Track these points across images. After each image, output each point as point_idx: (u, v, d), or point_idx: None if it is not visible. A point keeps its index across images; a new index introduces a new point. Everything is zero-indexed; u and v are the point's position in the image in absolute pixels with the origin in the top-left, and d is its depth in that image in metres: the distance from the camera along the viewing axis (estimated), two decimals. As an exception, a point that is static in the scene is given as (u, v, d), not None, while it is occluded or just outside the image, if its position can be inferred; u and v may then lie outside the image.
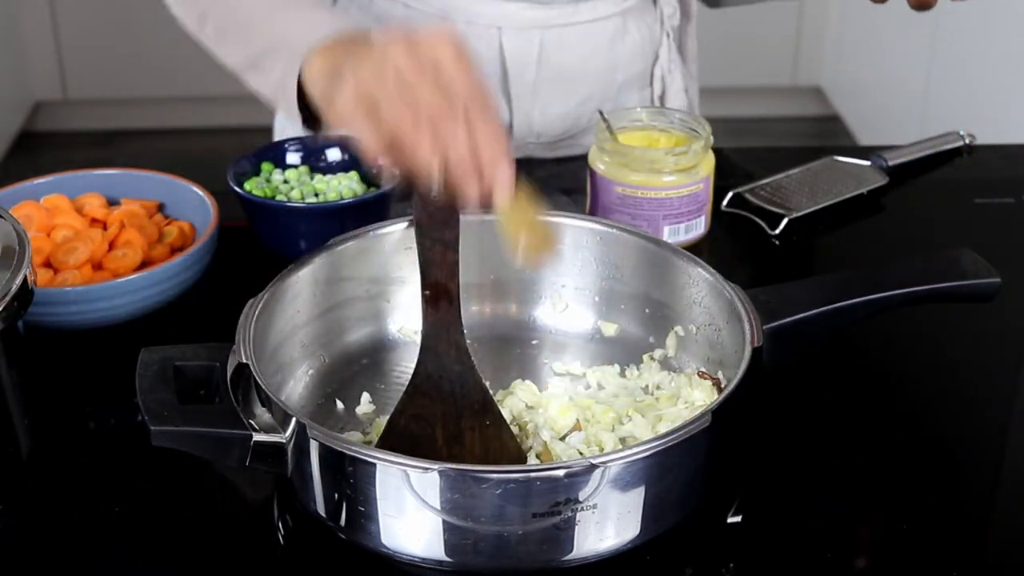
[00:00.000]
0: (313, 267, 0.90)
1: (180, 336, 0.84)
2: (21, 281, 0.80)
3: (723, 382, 0.86)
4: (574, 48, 1.23)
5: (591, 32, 1.23)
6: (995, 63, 2.52)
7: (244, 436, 0.75)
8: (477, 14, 1.19)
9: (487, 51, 1.21)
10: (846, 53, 3.32)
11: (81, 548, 0.81)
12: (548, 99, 1.24)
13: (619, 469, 0.72)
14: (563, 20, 1.21)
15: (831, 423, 0.92)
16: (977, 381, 0.98)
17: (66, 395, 0.94)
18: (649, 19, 1.27)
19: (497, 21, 1.20)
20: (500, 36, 1.21)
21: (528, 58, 1.22)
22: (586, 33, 1.23)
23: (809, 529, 0.83)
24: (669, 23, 1.29)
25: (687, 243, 1.09)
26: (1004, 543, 0.83)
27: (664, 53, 1.29)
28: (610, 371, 0.92)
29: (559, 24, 1.21)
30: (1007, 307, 0.99)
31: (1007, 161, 1.29)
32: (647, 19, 1.27)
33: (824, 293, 0.88)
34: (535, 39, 1.21)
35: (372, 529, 0.75)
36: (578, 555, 0.75)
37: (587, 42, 1.23)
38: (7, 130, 3.26)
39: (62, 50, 3.31)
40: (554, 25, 1.21)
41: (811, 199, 1.18)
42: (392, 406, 0.85)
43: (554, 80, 1.23)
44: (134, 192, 1.10)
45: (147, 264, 1.01)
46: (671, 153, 1.06)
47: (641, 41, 1.27)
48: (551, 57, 1.22)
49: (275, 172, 1.11)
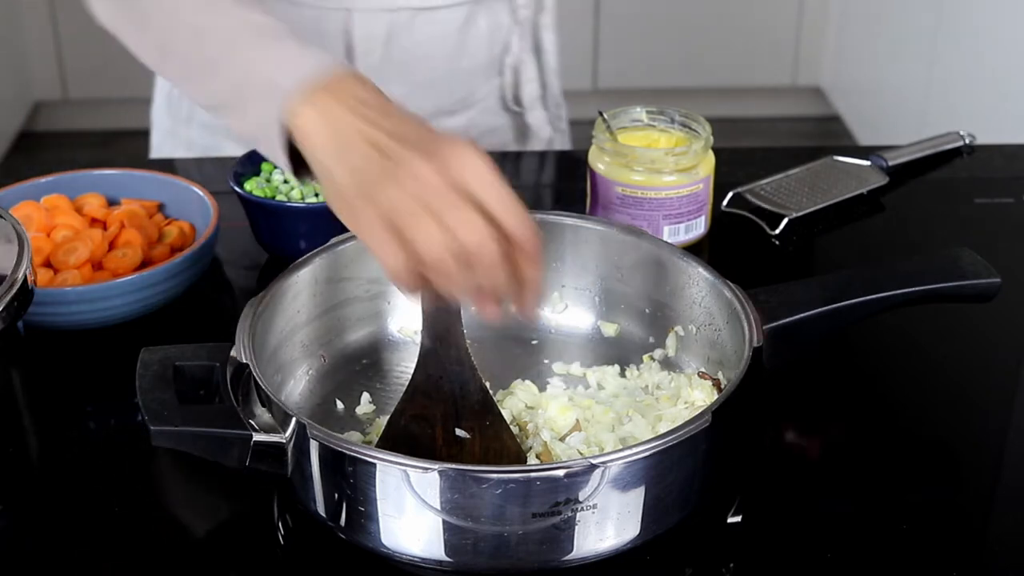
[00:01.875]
0: (313, 267, 0.90)
1: (180, 336, 0.84)
2: (21, 281, 0.80)
3: (723, 382, 0.86)
4: (421, 33, 1.23)
5: (439, 19, 1.24)
6: (995, 63, 2.52)
7: (244, 436, 0.75)
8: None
9: (334, 32, 1.21)
10: (846, 53, 3.32)
11: (81, 548, 0.81)
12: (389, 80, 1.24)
13: (619, 469, 0.72)
14: (412, 5, 1.22)
15: (831, 423, 0.92)
16: (977, 381, 0.98)
17: (66, 395, 0.94)
18: (499, 9, 1.27)
19: (347, 3, 1.20)
20: (349, 18, 1.21)
21: (374, 41, 1.22)
22: (434, 20, 1.23)
23: (809, 529, 0.83)
24: (521, 12, 1.28)
25: (687, 243, 1.09)
26: (1004, 543, 0.83)
27: (515, 43, 1.29)
28: (610, 371, 0.92)
29: (408, 7, 1.22)
30: (1007, 307, 0.99)
31: (1007, 161, 1.29)
32: (497, 8, 1.27)
33: (824, 293, 0.88)
34: (383, 22, 1.22)
35: (372, 529, 0.75)
36: (578, 555, 0.75)
37: (435, 28, 1.24)
38: (7, 130, 3.26)
39: (62, 50, 3.31)
40: (402, 9, 1.21)
41: (811, 199, 1.18)
42: (392, 406, 0.85)
43: (398, 63, 1.24)
44: (134, 192, 1.10)
45: (147, 264, 1.01)
46: (671, 153, 1.06)
47: (489, 31, 1.27)
48: (397, 41, 1.23)
49: (275, 172, 1.11)
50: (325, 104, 0.78)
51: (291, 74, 0.80)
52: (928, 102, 2.81)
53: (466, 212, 0.71)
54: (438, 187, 0.71)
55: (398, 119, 0.76)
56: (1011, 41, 2.45)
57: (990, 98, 2.51)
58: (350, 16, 1.21)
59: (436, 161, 0.72)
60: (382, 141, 0.75)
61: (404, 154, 0.73)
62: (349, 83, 0.79)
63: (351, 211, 0.75)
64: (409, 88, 1.25)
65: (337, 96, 0.78)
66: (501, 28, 1.28)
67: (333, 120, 0.77)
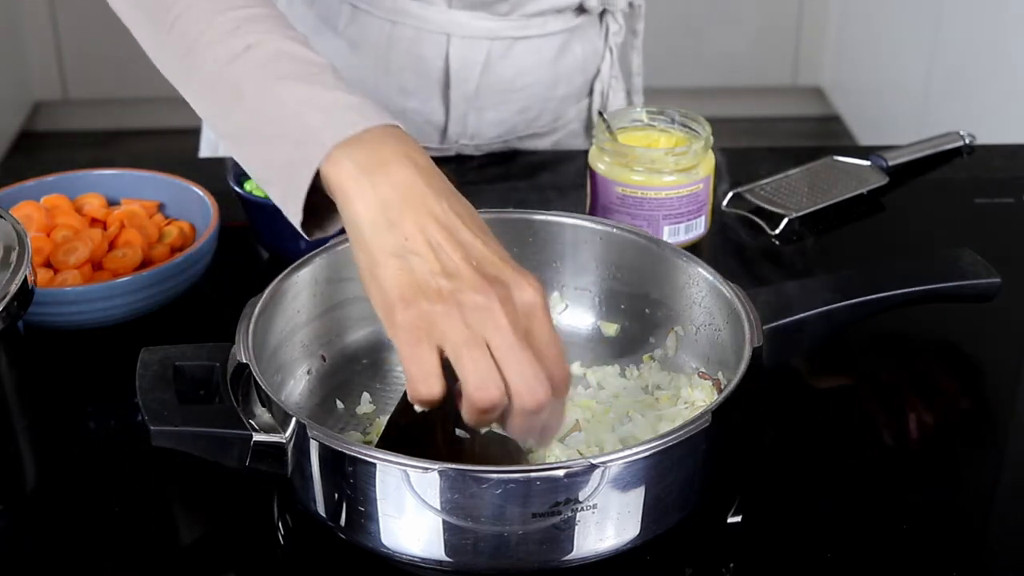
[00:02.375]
0: (313, 267, 0.90)
1: (180, 336, 0.84)
2: (21, 281, 0.80)
3: (723, 382, 0.86)
4: (518, 60, 1.23)
5: (537, 47, 1.23)
6: (995, 63, 2.52)
7: (244, 436, 0.75)
8: (427, 20, 1.19)
9: (433, 56, 1.20)
10: (846, 53, 3.32)
11: (81, 548, 0.81)
12: (486, 106, 1.24)
13: (619, 469, 0.72)
14: (511, 33, 1.21)
15: (831, 423, 0.92)
16: (977, 381, 0.98)
17: (66, 395, 0.94)
18: (593, 36, 1.27)
19: (447, 28, 1.19)
20: (448, 43, 1.20)
21: (473, 66, 1.21)
22: (532, 47, 1.23)
23: (809, 529, 0.83)
24: (613, 40, 1.28)
25: (687, 243, 1.09)
26: (1004, 543, 0.83)
27: (606, 68, 1.29)
28: (610, 371, 0.92)
29: (507, 36, 1.21)
30: (1007, 307, 0.99)
31: (1007, 161, 1.29)
32: (592, 36, 1.27)
33: (824, 293, 0.88)
34: (482, 49, 1.21)
35: (372, 529, 0.75)
36: (578, 555, 0.75)
37: (532, 56, 1.23)
38: (7, 130, 3.26)
39: (62, 50, 3.31)
40: (502, 37, 1.21)
41: (811, 199, 1.18)
42: (392, 406, 0.85)
43: (495, 89, 1.23)
44: (134, 192, 1.10)
45: (147, 264, 1.01)
46: (671, 153, 1.06)
47: (584, 57, 1.27)
48: (495, 67, 1.22)
49: (275, 172, 1.11)
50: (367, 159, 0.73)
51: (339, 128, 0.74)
52: (928, 102, 2.81)
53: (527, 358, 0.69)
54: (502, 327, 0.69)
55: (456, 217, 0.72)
56: (1011, 41, 2.46)
57: (990, 98, 2.52)
58: (449, 41, 1.20)
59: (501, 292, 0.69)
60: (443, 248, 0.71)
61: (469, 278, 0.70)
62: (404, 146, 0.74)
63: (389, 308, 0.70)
64: (504, 114, 1.26)
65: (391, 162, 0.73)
66: (595, 54, 1.28)
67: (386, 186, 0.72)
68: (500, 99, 1.24)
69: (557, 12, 1.22)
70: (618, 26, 1.28)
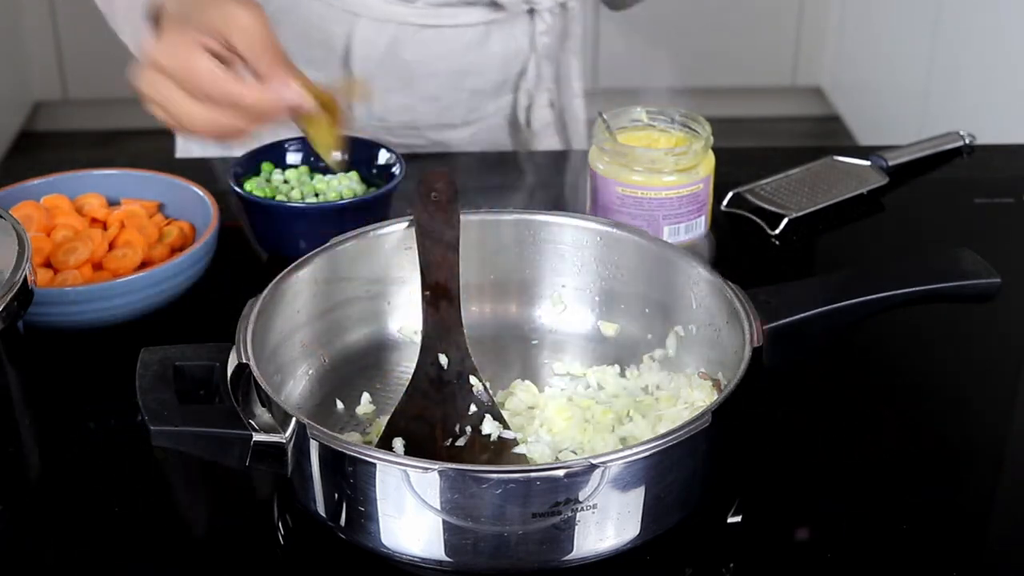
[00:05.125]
0: (313, 267, 0.90)
1: (180, 336, 0.84)
2: (21, 281, 0.80)
3: (723, 382, 0.86)
4: (424, 49, 1.23)
5: (447, 37, 1.23)
6: (995, 63, 2.52)
7: (244, 436, 0.75)
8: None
9: (338, 33, 1.22)
10: (846, 53, 3.32)
11: (81, 548, 0.81)
12: (391, 88, 1.25)
13: (619, 469, 0.72)
14: (420, 20, 1.21)
15: (831, 423, 0.92)
16: (977, 381, 0.98)
17: (66, 395, 0.94)
18: (519, 33, 1.26)
19: (355, 8, 1.21)
20: (354, 22, 1.21)
21: (376, 48, 1.22)
22: (440, 37, 1.23)
23: (809, 529, 0.83)
24: (540, 40, 1.27)
25: (687, 243, 1.08)
26: (1004, 543, 0.83)
27: (532, 69, 1.28)
28: (610, 371, 0.92)
29: (415, 23, 1.21)
30: (1007, 307, 0.99)
31: (1007, 161, 1.29)
32: (516, 33, 1.26)
33: (824, 293, 0.88)
34: (387, 33, 1.21)
35: (372, 529, 0.75)
36: (578, 555, 0.75)
37: (439, 46, 1.23)
38: (7, 130, 3.26)
39: (62, 50, 3.31)
40: (410, 23, 1.21)
41: (811, 199, 1.18)
42: (392, 406, 0.85)
43: (399, 73, 1.24)
44: (134, 192, 1.10)
45: (147, 264, 1.01)
46: (671, 153, 1.06)
47: (504, 54, 1.26)
48: (400, 52, 1.22)
49: (275, 172, 1.11)
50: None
51: None
52: (928, 102, 2.81)
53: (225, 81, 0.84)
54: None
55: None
56: (1011, 41, 2.46)
57: (990, 98, 2.52)
58: (355, 21, 1.21)
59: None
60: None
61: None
62: None
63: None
64: (410, 99, 1.25)
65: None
66: (519, 54, 1.27)
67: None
68: (404, 84, 1.24)
69: (468, 4, 1.22)
70: (546, 26, 1.26)
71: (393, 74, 1.23)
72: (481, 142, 1.31)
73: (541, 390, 0.90)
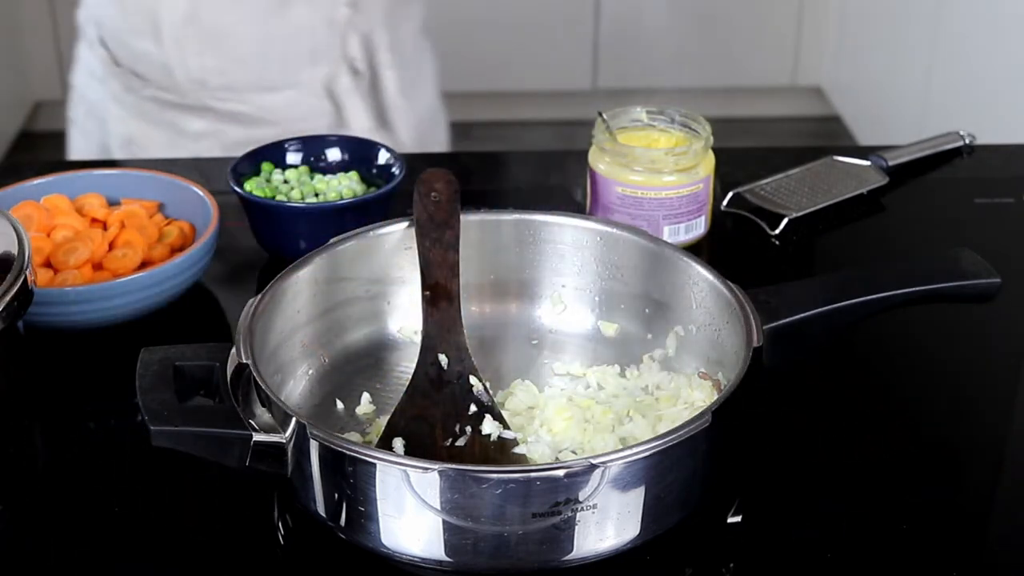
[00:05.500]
0: (313, 267, 0.90)
1: (180, 336, 0.84)
2: (21, 281, 0.80)
3: (723, 382, 0.86)
4: (226, 14, 1.30)
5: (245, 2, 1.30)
6: (995, 63, 2.52)
7: (244, 436, 0.75)
8: None
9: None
10: (846, 53, 3.32)
11: (81, 548, 0.81)
12: (203, 51, 1.32)
13: (619, 469, 0.72)
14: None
15: (831, 423, 0.92)
16: (977, 381, 0.98)
17: (66, 395, 0.94)
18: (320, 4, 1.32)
19: None
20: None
21: (176, 11, 1.29)
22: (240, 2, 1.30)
23: (809, 529, 0.83)
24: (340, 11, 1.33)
25: (687, 243, 1.09)
26: (1004, 543, 0.83)
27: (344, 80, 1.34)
28: (610, 371, 0.92)
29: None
30: (1007, 307, 0.99)
31: (1007, 161, 1.29)
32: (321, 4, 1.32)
33: (824, 293, 0.88)
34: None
35: (372, 529, 0.75)
36: (578, 555, 0.75)
37: (241, 10, 1.30)
38: (7, 130, 3.26)
39: (62, 50, 3.31)
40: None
41: (811, 199, 1.18)
42: (392, 406, 0.85)
43: (208, 35, 1.31)
44: (134, 192, 1.10)
45: (147, 264, 1.01)
46: (671, 153, 1.06)
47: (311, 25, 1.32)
48: (202, 15, 1.29)
49: (275, 172, 1.11)
50: None
51: None
52: (928, 102, 2.81)
53: None
54: None
55: None
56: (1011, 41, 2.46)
57: (990, 98, 2.52)
58: None
59: None
60: None
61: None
62: None
63: None
64: (222, 62, 1.32)
65: None
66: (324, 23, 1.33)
67: None
68: (214, 46, 1.31)
69: None
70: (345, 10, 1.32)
71: (200, 36, 1.30)
72: (299, 104, 1.37)
73: (541, 390, 0.90)
